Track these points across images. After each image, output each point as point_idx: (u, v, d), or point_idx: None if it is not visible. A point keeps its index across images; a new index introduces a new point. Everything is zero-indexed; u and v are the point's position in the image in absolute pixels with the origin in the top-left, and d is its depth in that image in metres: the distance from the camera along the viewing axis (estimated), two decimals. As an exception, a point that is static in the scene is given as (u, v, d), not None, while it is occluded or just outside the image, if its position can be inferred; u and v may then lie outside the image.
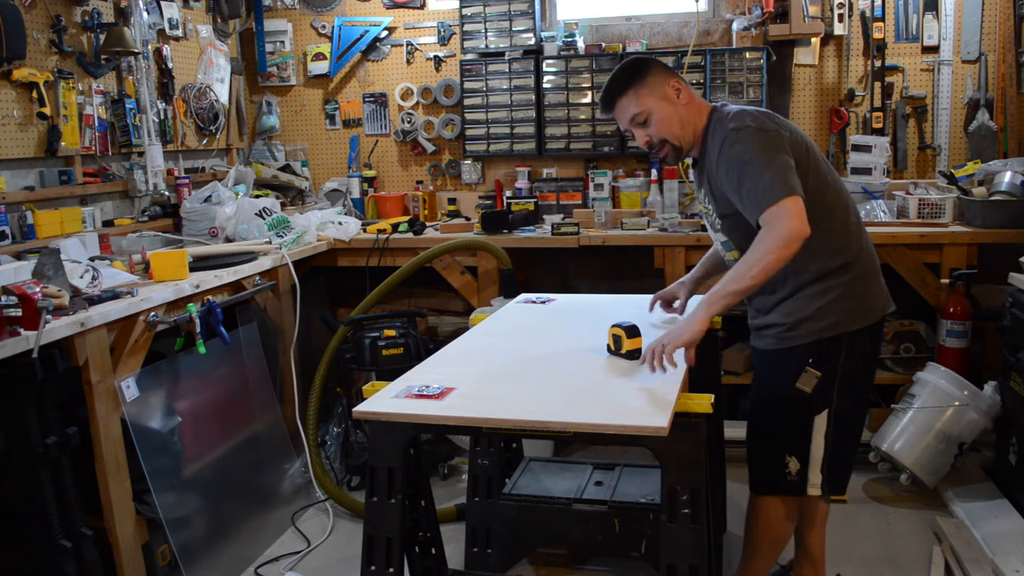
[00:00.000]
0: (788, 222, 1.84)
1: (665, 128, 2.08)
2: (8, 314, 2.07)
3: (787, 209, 1.85)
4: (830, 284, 2.03)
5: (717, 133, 2.03)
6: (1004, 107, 3.73)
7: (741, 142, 1.95)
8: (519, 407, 1.71)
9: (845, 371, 2.05)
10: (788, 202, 1.86)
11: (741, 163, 1.94)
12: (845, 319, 2.03)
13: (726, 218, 2.09)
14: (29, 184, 3.07)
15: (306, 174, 4.43)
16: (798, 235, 1.85)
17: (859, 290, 2.06)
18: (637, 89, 2.07)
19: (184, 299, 2.71)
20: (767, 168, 1.90)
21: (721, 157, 1.99)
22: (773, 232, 1.86)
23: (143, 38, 3.52)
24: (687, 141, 2.11)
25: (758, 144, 1.94)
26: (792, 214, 1.85)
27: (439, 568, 2.21)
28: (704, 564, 1.68)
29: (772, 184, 1.88)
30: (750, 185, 1.91)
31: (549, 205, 4.14)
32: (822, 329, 2.03)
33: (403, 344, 3.31)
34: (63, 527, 2.30)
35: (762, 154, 1.92)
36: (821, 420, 2.07)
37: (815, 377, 2.04)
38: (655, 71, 2.08)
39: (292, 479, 3.30)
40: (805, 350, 2.05)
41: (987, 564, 2.52)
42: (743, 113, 2.02)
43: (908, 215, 3.46)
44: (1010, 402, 2.96)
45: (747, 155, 1.93)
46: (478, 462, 2.66)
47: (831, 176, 2.11)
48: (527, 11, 4.05)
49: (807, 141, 2.08)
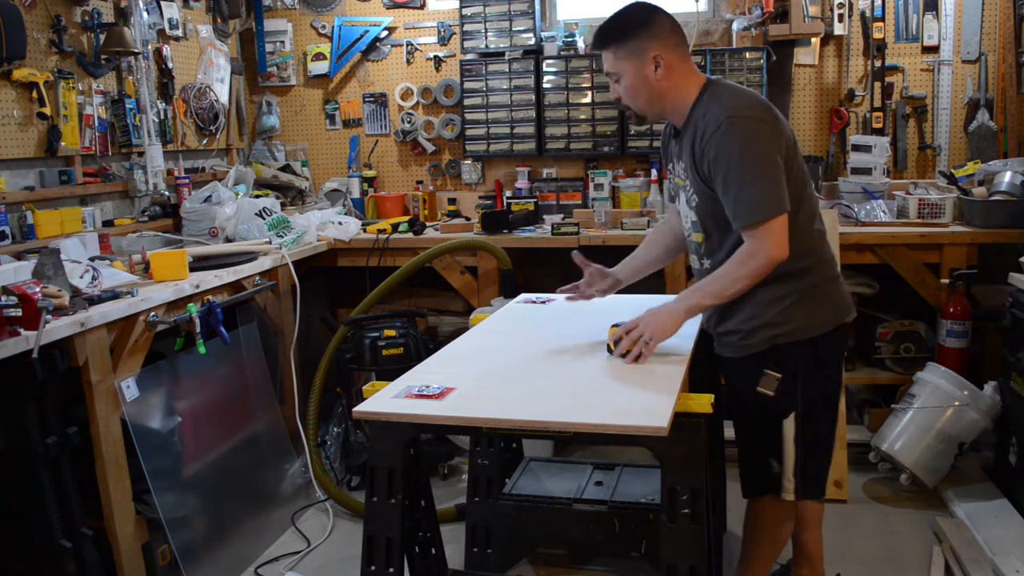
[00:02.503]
0: (771, 250, 1.86)
1: (631, 97, 2.03)
2: (8, 314, 2.07)
3: (773, 232, 1.85)
4: (788, 289, 1.99)
5: (711, 111, 1.92)
6: (1004, 107, 3.73)
7: (738, 133, 1.87)
8: (519, 407, 1.71)
9: (808, 375, 2.02)
10: (776, 224, 1.85)
11: (735, 157, 1.87)
12: (803, 325, 1.99)
13: (702, 200, 2.01)
14: (29, 184, 3.07)
15: (306, 174, 4.43)
16: (778, 260, 1.87)
17: (817, 296, 2.02)
18: (616, 49, 1.99)
19: (184, 299, 2.71)
20: (762, 177, 1.86)
21: (713, 140, 1.89)
22: (756, 256, 1.87)
23: (143, 38, 3.52)
24: (653, 113, 2.05)
25: (758, 142, 1.88)
26: (777, 238, 1.85)
27: (439, 568, 2.21)
28: (704, 564, 1.68)
29: (764, 197, 1.85)
30: (740, 189, 1.86)
31: (549, 205, 4.14)
32: (779, 335, 1.99)
33: (403, 344, 3.31)
34: (63, 527, 2.30)
35: (760, 156, 1.87)
36: (789, 424, 2.04)
37: (775, 379, 2.00)
38: (642, 35, 1.96)
39: (292, 479, 3.30)
40: (763, 355, 2.01)
41: (987, 564, 2.52)
42: (743, 98, 1.94)
43: (908, 215, 3.46)
44: (1010, 402, 2.96)
45: (744, 150, 1.86)
46: (478, 462, 2.66)
47: (805, 179, 2.04)
48: (527, 11, 4.05)
49: (794, 139, 2.03)
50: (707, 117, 1.93)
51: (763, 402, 2.02)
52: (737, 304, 2.02)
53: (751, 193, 1.86)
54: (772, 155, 1.89)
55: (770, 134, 1.90)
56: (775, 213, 1.85)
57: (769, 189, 1.86)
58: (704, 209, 2.02)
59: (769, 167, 1.87)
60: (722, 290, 1.92)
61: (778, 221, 1.85)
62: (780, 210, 1.86)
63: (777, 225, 1.85)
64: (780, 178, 1.89)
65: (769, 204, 1.85)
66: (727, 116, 1.88)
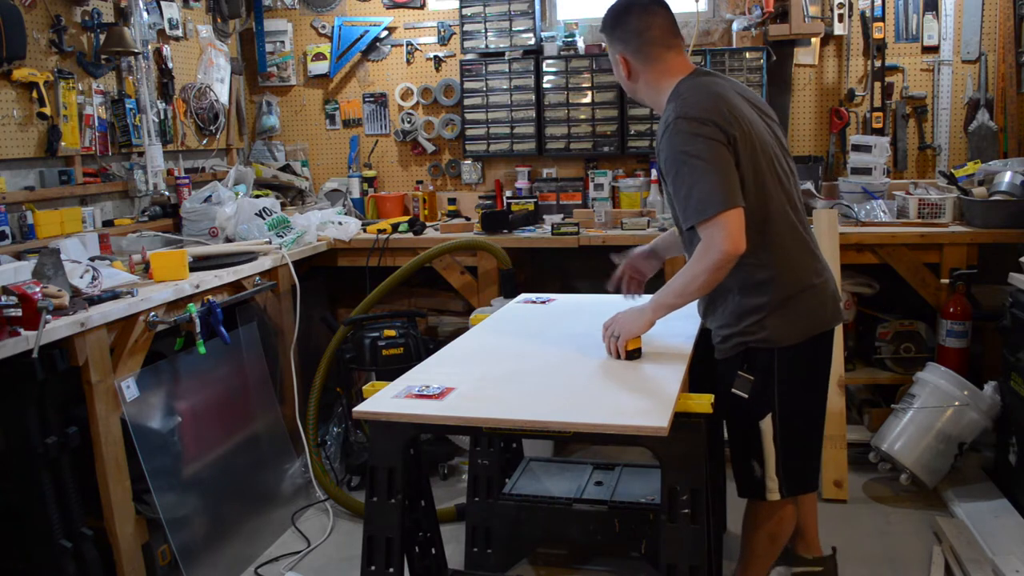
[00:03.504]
0: (724, 243, 1.82)
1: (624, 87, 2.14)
2: (8, 314, 2.07)
3: (724, 226, 1.82)
4: (759, 302, 1.97)
5: (667, 111, 1.94)
6: (1004, 107, 3.73)
7: (683, 133, 1.86)
8: (519, 407, 1.71)
9: (783, 380, 2.01)
10: (725, 218, 1.82)
11: (680, 157, 1.86)
12: (775, 336, 1.98)
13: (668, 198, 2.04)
14: (29, 184, 3.07)
15: (306, 174, 4.43)
16: (733, 254, 1.84)
17: (789, 309, 1.98)
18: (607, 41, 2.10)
19: (184, 299, 2.71)
20: (708, 173, 1.83)
21: (663, 141, 1.91)
22: (710, 252, 1.84)
23: (143, 38, 3.52)
24: (637, 98, 2.14)
25: (702, 142, 1.85)
26: (728, 231, 1.82)
27: (439, 568, 2.21)
28: (704, 564, 1.68)
29: (712, 194, 1.83)
30: (689, 188, 1.85)
31: (549, 205, 4.14)
32: (750, 342, 2.00)
33: (403, 344, 3.31)
34: (63, 527, 2.30)
35: (704, 154, 1.84)
36: (767, 425, 2.04)
37: (748, 381, 2.01)
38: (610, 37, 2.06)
39: (292, 479, 3.30)
40: (737, 359, 2.03)
41: (987, 564, 2.52)
42: (696, 96, 1.92)
43: (908, 215, 3.46)
44: (1010, 402, 2.96)
45: (687, 150, 1.85)
46: (478, 462, 2.66)
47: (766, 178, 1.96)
48: (527, 11, 4.05)
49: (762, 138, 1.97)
50: (664, 117, 1.94)
51: (740, 404, 2.02)
52: (715, 309, 2.06)
53: (698, 191, 1.84)
54: (719, 154, 1.85)
55: (718, 132, 1.86)
56: (724, 208, 1.82)
57: (717, 185, 1.83)
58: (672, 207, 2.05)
59: (715, 165, 1.84)
60: (683, 287, 1.93)
61: (729, 215, 1.82)
62: (729, 204, 1.82)
63: (727, 219, 1.82)
64: (729, 174, 1.85)
65: (717, 199, 1.82)
66: (674, 118, 1.88)
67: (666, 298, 1.98)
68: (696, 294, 1.95)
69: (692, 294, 1.95)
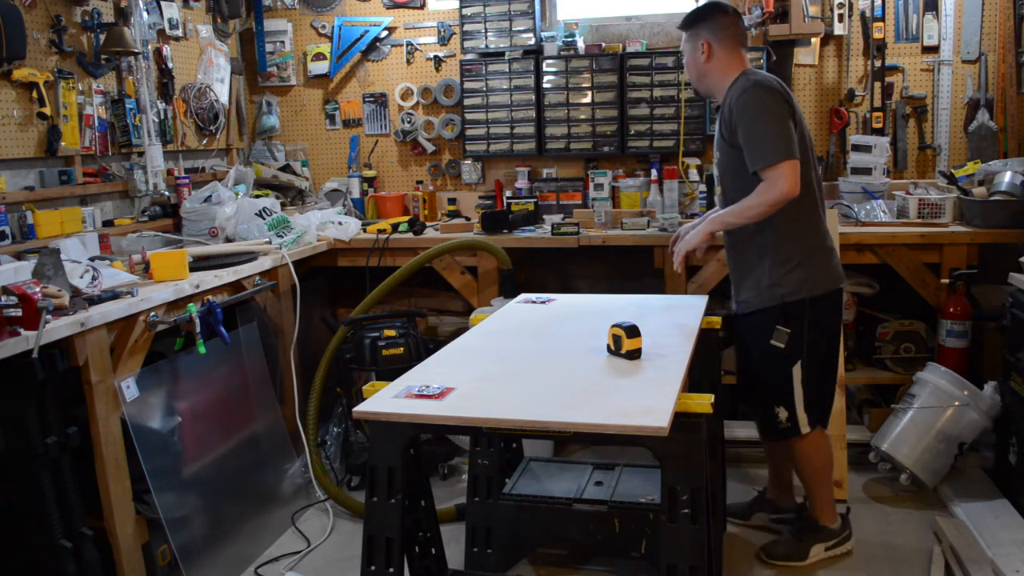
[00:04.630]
0: (784, 184, 2.29)
1: (688, 71, 2.66)
2: (8, 314, 2.07)
3: (785, 172, 2.29)
4: (790, 254, 2.45)
5: (739, 83, 2.43)
6: (1004, 107, 3.73)
7: (759, 94, 2.36)
8: (519, 407, 1.71)
9: (811, 329, 2.47)
10: (787, 165, 2.29)
11: (755, 112, 2.34)
12: (804, 286, 2.45)
13: (723, 156, 2.53)
14: (29, 184, 3.07)
15: (306, 174, 4.43)
16: (790, 195, 2.31)
17: (815, 263, 2.47)
18: (686, 35, 2.60)
19: (184, 299, 2.71)
20: (776, 127, 2.32)
21: (739, 100, 2.38)
22: (771, 189, 2.30)
23: (143, 38, 3.52)
24: (702, 87, 2.63)
25: (773, 103, 2.35)
26: (788, 177, 2.29)
27: (439, 568, 2.21)
28: (704, 564, 1.68)
29: (777, 143, 2.30)
30: (758, 137, 2.33)
31: (549, 205, 4.14)
32: (785, 294, 2.45)
33: (403, 344, 3.31)
34: (63, 527, 2.30)
35: (774, 113, 2.34)
36: (797, 370, 2.50)
37: (785, 334, 2.46)
38: (697, 28, 2.55)
39: (292, 479, 3.30)
40: (774, 312, 2.47)
41: (987, 564, 2.52)
42: (766, 78, 2.45)
43: (908, 215, 3.46)
44: (1010, 402, 2.96)
45: (762, 107, 2.34)
46: (478, 462, 2.66)
47: (809, 153, 2.48)
48: (527, 11, 4.05)
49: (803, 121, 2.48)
50: (735, 87, 2.44)
51: (776, 354, 2.48)
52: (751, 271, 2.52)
53: (767, 140, 2.31)
54: (784, 116, 2.36)
55: (783, 101, 2.38)
56: (788, 156, 2.30)
57: (782, 138, 2.31)
58: (724, 164, 2.54)
59: (782, 122, 2.34)
60: (742, 211, 2.39)
61: (790, 163, 2.29)
62: (791, 155, 2.30)
63: (790, 166, 2.29)
64: (791, 132, 2.34)
65: (783, 149, 2.30)
66: (752, 82, 2.40)
67: (725, 216, 2.47)
68: (751, 220, 2.40)
69: (748, 219, 2.40)
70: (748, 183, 2.39)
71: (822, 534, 2.72)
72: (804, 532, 2.74)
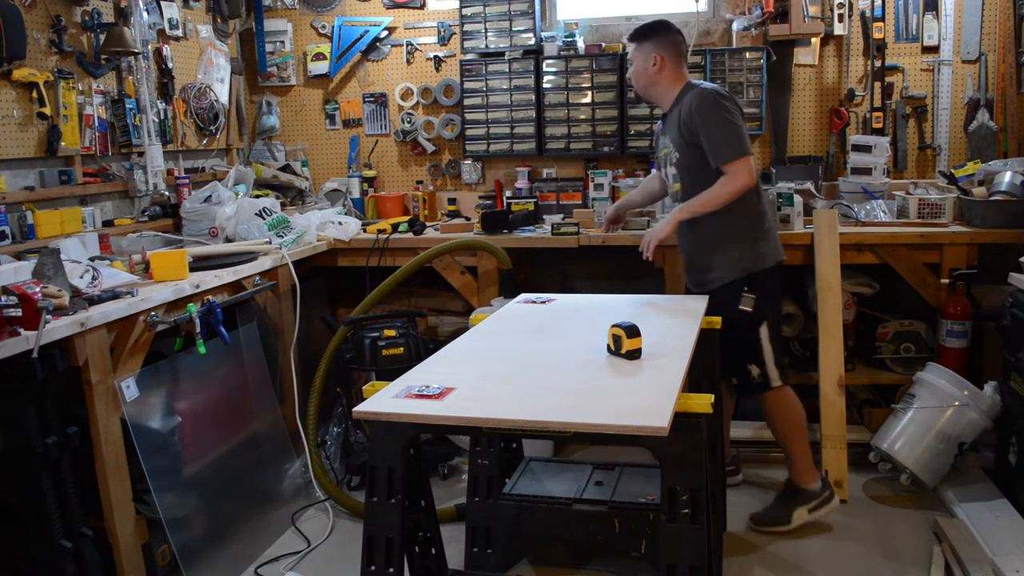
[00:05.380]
0: (744, 177, 2.67)
1: (634, 79, 2.93)
2: (8, 314, 2.07)
3: (745, 166, 2.66)
4: (745, 234, 2.80)
5: (694, 94, 2.74)
6: (1004, 107, 3.73)
7: (717, 102, 2.69)
8: (519, 407, 1.71)
9: (767, 296, 2.82)
10: (745, 160, 2.67)
11: (715, 117, 2.67)
12: (763, 259, 2.81)
13: (683, 156, 2.81)
14: (29, 184, 3.07)
15: (306, 174, 4.43)
16: (749, 185, 2.69)
17: (765, 240, 2.83)
18: (637, 46, 2.86)
19: (184, 299, 2.71)
20: (734, 129, 2.67)
21: (699, 108, 2.69)
22: (733, 181, 2.67)
23: (143, 38, 3.52)
24: (649, 95, 2.93)
25: (729, 110, 2.69)
26: (747, 171, 2.67)
27: (439, 568, 2.21)
28: (704, 564, 1.68)
29: (738, 142, 2.67)
30: (720, 135, 2.66)
31: (549, 205, 4.14)
32: (748, 266, 2.79)
33: (403, 344, 3.30)
34: (63, 527, 2.30)
35: (731, 117, 2.68)
36: (764, 330, 2.83)
37: (751, 299, 2.78)
38: (651, 42, 2.83)
39: (292, 479, 3.30)
40: (740, 283, 2.79)
41: (987, 564, 2.52)
42: (715, 87, 2.78)
43: (908, 215, 3.46)
44: (1010, 402, 2.96)
45: (720, 113, 2.68)
46: (478, 462, 2.66)
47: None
48: (527, 11, 4.05)
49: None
50: (690, 97, 2.75)
51: (745, 318, 2.78)
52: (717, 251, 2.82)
53: (728, 139, 2.67)
54: (739, 119, 2.72)
55: (735, 105, 2.75)
56: (745, 153, 2.67)
57: (739, 138, 2.68)
58: (683, 163, 2.83)
59: (738, 124, 2.70)
60: (707, 201, 2.71)
61: (750, 159, 2.68)
62: (747, 152, 2.68)
63: (749, 161, 2.68)
64: (746, 133, 2.72)
65: (741, 147, 2.67)
66: (709, 91, 2.73)
67: (691, 206, 2.75)
68: (715, 208, 2.70)
69: (713, 207, 2.71)
70: (706, 178, 2.72)
71: (803, 496, 2.91)
72: (787, 498, 2.93)
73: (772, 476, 3.38)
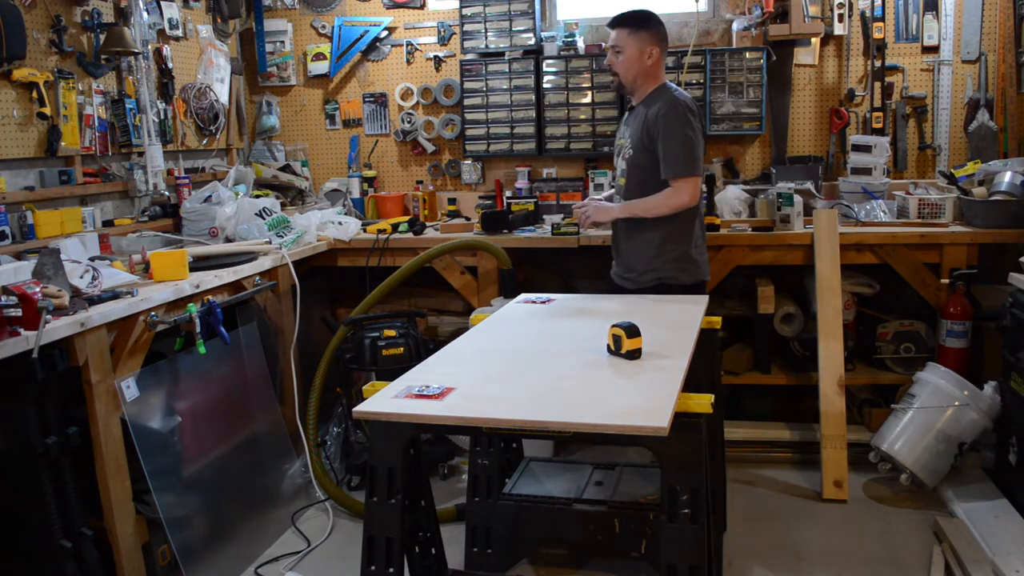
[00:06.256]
0: (687, 195, 2.75)
1: (624, 67, 2.86)
2: (8, 314, 2.07)
3: (690, 184, 2.74)
4: (669, 248, 2.84)
5: (664, 97, 2.79)
6: (1004, 107, 3.73)
7: (681, 115, 2.74)
8: (519, 407, 1.71)
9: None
10: (692, 181, 2.75)
11: (676, 129, 2.72)
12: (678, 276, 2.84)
13: (635, 154, 2.85)
14: (29, 184, 3.07)
15: (306, 174, 4.43)
16: (689, 205, 2.77)
17: (689, 259, 2.86)
18: (632, 33, 2.82)
19: (184, 299, 2.71)
20: (691, 147, 2.73)
21: (666, 116, 2.74)
22: (675, 196, 2.76)
23: (143, 38, 3.52)
24: (634, 86, 2.88)
25: (690, 125, 2.74)
26: (692, 190, 2.75)
27: (439, 568, 2.21)
28: (704, 564, 1.68)
29: (690, 160, 2.73)
30: (678, 150, 2.72)
31: (549, 205, 4.13)
32: (662, 279, 2.84)
33: (403, 344, 3.31)
34: (63, 527, 2.30)
35: (690, 133, 2.73)
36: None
37: None
38: (649, 33, 2.82)
39: (292, 479, 3.30)
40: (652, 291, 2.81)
41: (987, 564, 2.52)
42: (687, 98, 2.81)
43: (908, 215, 3.46)
44: (1010, 402, 2.96)
45: (682, 126, 2.72)
46: (478, 462, 2.66)
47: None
48: (527, 11, 4.05)
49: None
50: (660, 100, 2.80)
51: None
52: (635, 255, 2.90)
53: (681, 154, 2.73)
54: (699, 137, 2.77)
55: (697, 124, 2.78)
56: (693, 173, 2.75)
57: (694, 158, 2.74)
58: (633, 161, 2.87)
59: (696, 143, 2.75)
60: (649, 207, 2.81)
61: (694, 180, 2.75)
62: (696, 173, 2.75)
63: (693, 182, 2.75)
64: (701, 154, 2.78)
65: (693, 166, 2.74)
66: (680, 101, 2.77)
67: (633, 207, 2.86)
68: (651, 216, 2.81)
69: (649, 215, 2.81)
70: (651, 182, 2.80)
71: None
72: None
73: (772, 476, 3.38)
